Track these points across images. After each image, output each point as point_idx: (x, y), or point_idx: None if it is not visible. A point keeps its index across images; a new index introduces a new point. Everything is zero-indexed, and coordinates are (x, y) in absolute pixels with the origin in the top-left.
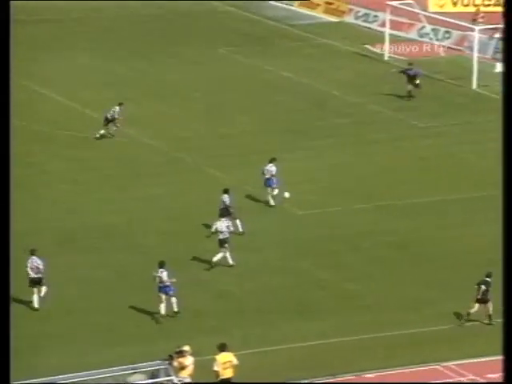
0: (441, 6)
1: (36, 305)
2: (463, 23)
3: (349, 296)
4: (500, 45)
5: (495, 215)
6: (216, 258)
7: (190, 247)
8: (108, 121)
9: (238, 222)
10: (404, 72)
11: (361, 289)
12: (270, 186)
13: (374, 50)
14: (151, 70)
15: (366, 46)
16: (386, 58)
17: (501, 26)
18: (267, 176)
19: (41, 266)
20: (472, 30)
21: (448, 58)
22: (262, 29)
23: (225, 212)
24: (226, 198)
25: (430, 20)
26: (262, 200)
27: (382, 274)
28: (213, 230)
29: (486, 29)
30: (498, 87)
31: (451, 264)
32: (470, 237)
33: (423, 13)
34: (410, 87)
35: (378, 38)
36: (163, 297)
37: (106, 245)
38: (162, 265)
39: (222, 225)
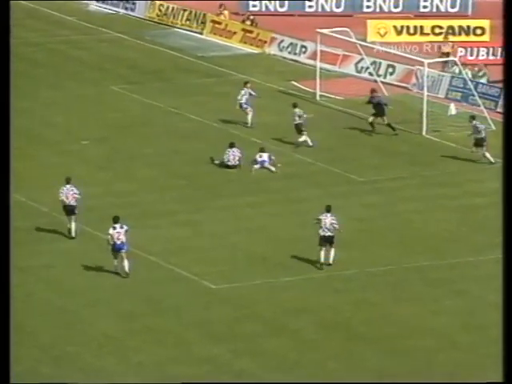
0: (382, 35)
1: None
2: (410, 55)
3: None
4: (454, 82)
5: (455, 287)
6: (331, 257)
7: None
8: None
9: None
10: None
11: (287, 380)
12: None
13: (303, 87)
14: (30, 110)
15: (293, 82)
16: (317, 98)
17: (455, 58)
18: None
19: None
20: (421, 63)
21: (392, 98)
22: (162, 61)
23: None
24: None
25: (370, 51)
26: (165, 269)
27: (311, 360)
28: (317, 222)
29: (437, 62)
30: (451, 133)
31: (397, 349)
32: (422, 315)
33: (361, 43)
34: (371, 118)
35: (307, 73)
36: (117, 254)
37: None
38: (116, 220)
39: (327, 221)
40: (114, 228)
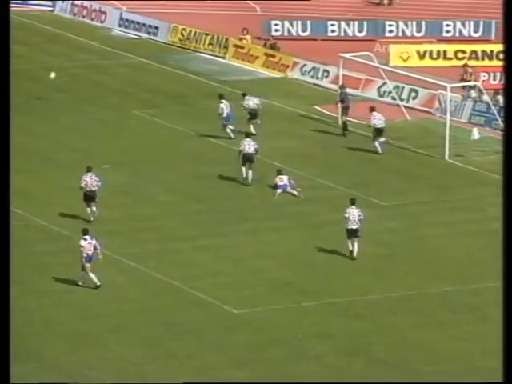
0: (405, 60)
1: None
2: (433, 80)
3: None
4: (478, 106)
5: (477, 313)
6: (355, 251)
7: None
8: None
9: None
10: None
11: None
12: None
13: (325, 111)
14: (50, 134)
15: (315, 106)
16: (339, 122)
17: (478, 83)
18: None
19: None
20: (443, 88)
21: (414, 122)
22: (184, 85)
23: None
24: None
25: (393, 76)
26: (187, 293)
27: None
28: (346, 216)
29: (460, 87)
30: (475, 158)
31: (418, 374)
32: (444, 340)
33: (384, 67)
34: (344, 118)
35: (330, 98)
36: (88, 265)
37: None
38: (86, 232)
39: (355, 213)
40: (85, 240)
